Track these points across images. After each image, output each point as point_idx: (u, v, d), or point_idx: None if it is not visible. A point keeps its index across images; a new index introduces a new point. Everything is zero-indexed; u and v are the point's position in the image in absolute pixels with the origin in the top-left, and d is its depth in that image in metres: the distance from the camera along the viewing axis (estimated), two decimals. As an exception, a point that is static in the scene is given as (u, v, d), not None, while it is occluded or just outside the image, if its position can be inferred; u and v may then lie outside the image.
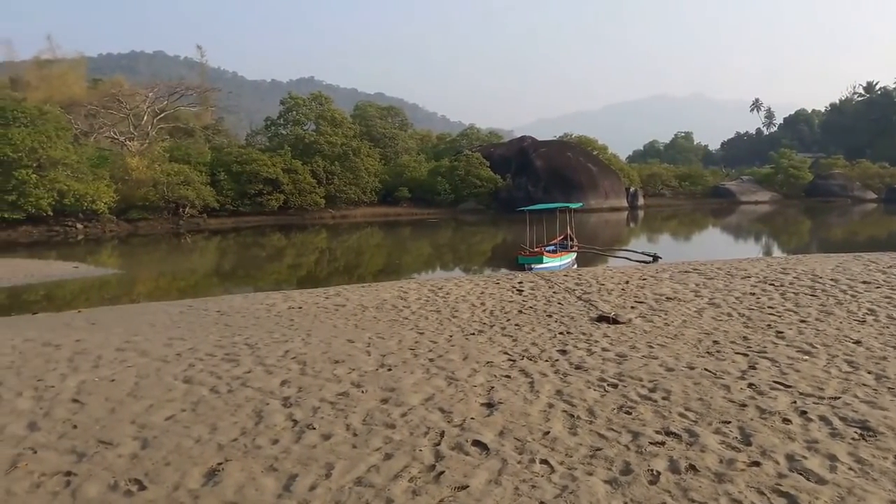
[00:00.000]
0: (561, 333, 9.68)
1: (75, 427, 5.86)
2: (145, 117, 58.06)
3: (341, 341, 9.46)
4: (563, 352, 8.43)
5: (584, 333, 9.59)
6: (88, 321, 12.63)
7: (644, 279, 15.49)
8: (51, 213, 43.16)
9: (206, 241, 41.08)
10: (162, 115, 59.97)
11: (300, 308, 13.41)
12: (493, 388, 6.80)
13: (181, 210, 50.25)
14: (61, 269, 24.88)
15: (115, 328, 11.45)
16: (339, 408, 6.25)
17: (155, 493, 4.52)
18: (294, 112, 66.55)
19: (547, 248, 23.95)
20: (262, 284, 22.33)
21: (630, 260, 23.96)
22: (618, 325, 10.11)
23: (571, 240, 26.63)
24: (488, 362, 7.93)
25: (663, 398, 6.30)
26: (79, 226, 45.02)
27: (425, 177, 67.25)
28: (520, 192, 64.51)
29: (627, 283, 14.96)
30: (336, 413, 6.09)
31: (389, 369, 7.67)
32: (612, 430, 5.50)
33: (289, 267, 28.68)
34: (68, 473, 4.87)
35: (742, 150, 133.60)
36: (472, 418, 5.86)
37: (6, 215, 41.72)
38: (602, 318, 10.65)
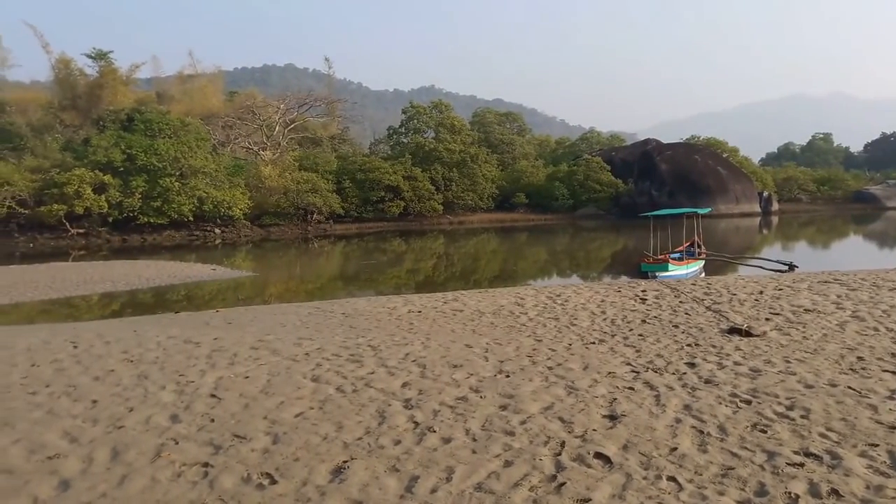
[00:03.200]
0: (689, 345, 9.31)
1: (213, 421, 6.22)
2: (277, 128, 61.07)
3: (459, 346, 9.54)
4: (692, 364, 8.10)
5: (714, 346, 9.17)
6: (225, 320, 13.41)
7: (780, 289, 14.63)
8: (191, 218, 46.29)
9: (332, 246, 42.66)
10: (292, 125, 62.89)
11: (419, 312, 13.64)
12: (615, 399, 6.63)
13: (309, 216, 52.49)
14: (200, 271, 26.57)
15: (249, 327, 12.09)
16: (458, 412, 6.29)
17: (285, 488, 4.72)
18: (415, 120, 68.05)
19: (672, 256, 23.13)
20: (383, 288, 22.91)
21: (763, 269, 22.71)
22: (751, 338, 9.60)
23: (699, 247, 25.59)
24: (610, 373, 7.75)
25: (802, 417, 5.91)
26: (216, 230, 47.97)
27: (543, 182, 66.80)
28: (642, 197, 62.78)
29: (761, 293, 14.18)
30: (455, 417, 6.14)
31: (507, 376, 7.65)
32: (746, 448, 5.22)
33: (408, 271, 29.26)
34: (206, 465, 5.17)
35: (888, 153, 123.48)
36: (594, 430, 5.73)
37: (152, 220, 45.11)
38: (734, 331, 10.14)
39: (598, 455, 5.16)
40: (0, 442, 5.71)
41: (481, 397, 6.77)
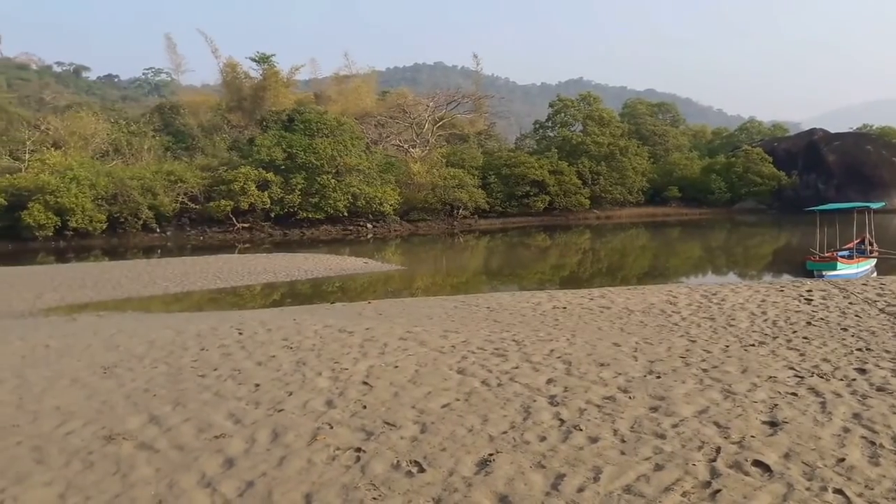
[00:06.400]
0: (859, 350, 8.56)
1: (364, 407, 6.48)
2: (426, 125, 62.50)
3: (606, 344, 9.32)
4: (862, 371, 7.44)
5: (888, 351, 8.38)
6: (376, 312, 13.94)
7: (970, 292, 13.11)
8: (346, 214, 48.46)
9: (477, 241, 43.13)
10: (440, 122, 64.09)
11: (564, 308, 13.48)
12: (776, 405, 6.22)
13: (455, 211, 53.35)
14: (353, 264, 27.77)
15: (399, 319, 12.48)
16: (605, 412, 6.15)
17: (432, 477, 4.82)
18: (562, 114, 67.15)
19: (840, 254, 21.45)
20: (527, 283, 22.85)
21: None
22: (934, 345, 8.67)
23: (870, 244, 23.52)
24: (771, 377, 7.28)
25: None
26: (368, 226, 49.90)
27: (698, 175, 63.83)
28: (807, 191, 58.51)
29: (947, 296, 12.78)
30: (603, 417, 6.01)
31: (658, 377, 7.38)
32: (928, 466, 4.72)
33: (552, 267, 29.01)
34: (358, 450, 5.38)
35: None
36: (753, 436, 5.41)
37: (310, 215, 47.68)
38: (913, 336, 9.21)
39: (757, 463, 4.88)
40: (173, 420, 6.25)
41: (630, 398, 6.58)
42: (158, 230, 45.54)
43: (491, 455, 5.16)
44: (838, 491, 4.38)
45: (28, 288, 20.92)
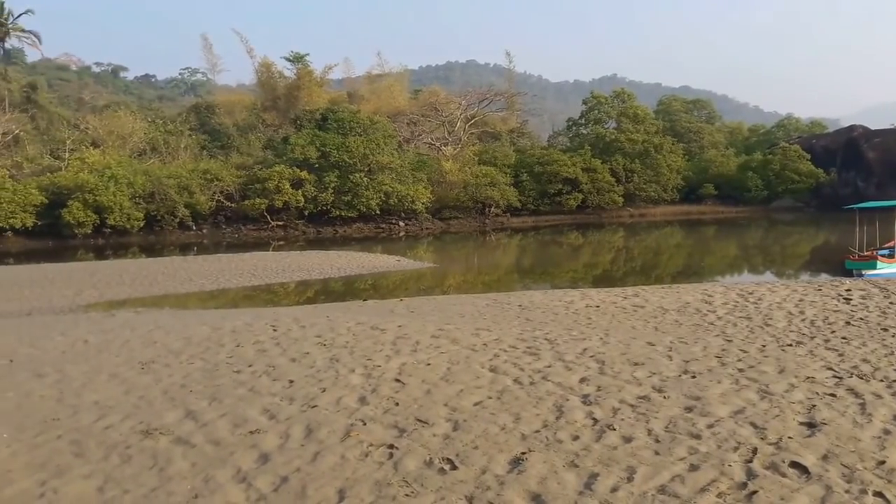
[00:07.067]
0: (902, 351, 8.36)
1: (397, 404, 6.50)
2: (458, 123, 62.52)
3: (640, 343, 9.23)
4: (906, 373, 7.26)
5: (932, 353, 8.17)
6: (408, 309, 13.99)
7: None
8: (378, 212, 48.76)
9: (508, 239, 43.04)
10: (473, 120, 64.07)
11: (597, 307, 13.38)
12: (814, 406, 6.10)
13: (487, 209, 53.30)
14: (386, 262, 27.91)
15: (431, 317, 12.51)
16: (639, 411, 6.09)
17: (465, 474, 4.82)
18: (595, 111, 66.63)
19: (880, 252, 21.00)
20: (559, 282, 22.74)
21: None
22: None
23: None
24: (809, 377, 7.14)
25: None
26: (400, 223, 50.14)
27: (734, 172, 62.87)
28: (846, 189, 57.22)
29: None
30: (637, 416, 5.95)
31: (693, 376, 7.29)
32: (974, 470, 4.59)
33: (585, 265, 28.82)
34: (391, 446, 5.40)
35: None
36: (790, 437, 5.31)
37: (343, 213, 48.07)
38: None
39: (794, 464, 4.79)
40: (209, 416, 6.34)
41: (665, 397, 6.51)
42: (195, 228, 46.32)
43: (523, 453, 5.14)
44: (878, 494, 4.29)
45: (68, 285, 21.43)
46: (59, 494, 4.79)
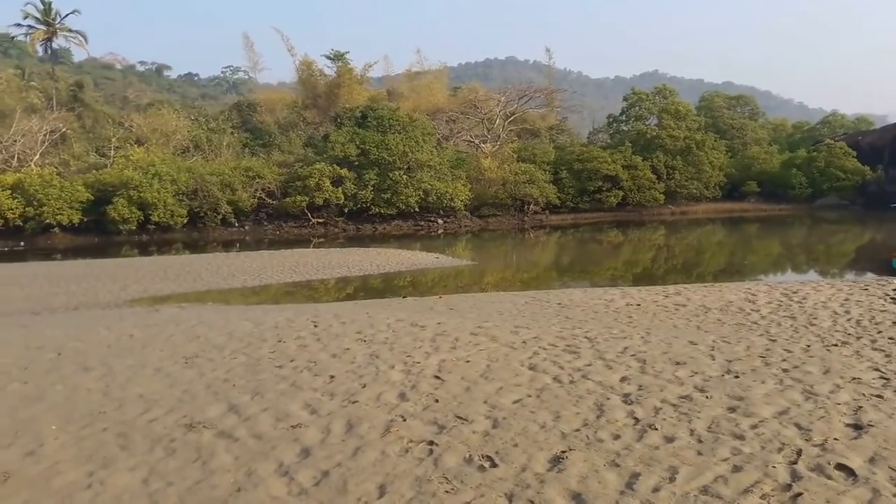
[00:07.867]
0: (955, 353, 8.11)
1: (437, 401, 6.53)
2: (497, 120, 62.32)
3: (682, 342, 9.12)
4: (959, 375, 7.04)
5: None
6: (447, 306, 14.02)
7: None
8: (417, 209, 48.88)
9: (547, 237, 42.80)
10: (512, 117, 63.80)
11: (638, 305, 13.25)
12: (860, 407, 5.97)
13: (526, 207, 53.05)
14: (424, 259, 27.99)
15: (469, 314, 12.52)
16: (681, 411, 6.02)
17: (504, 472, 4.83)
18: (636, 107, 65.77)
19: (931, 251, 20.37)
20: (599, 280, 22.55)
21: None
22: None
23: None
24: (855, 378, 6.98)
25: None
26: (439, 221, 50.18)
27: (777, 169, 61.54)
28: (893, 186, 55.63)
29: None
30: (679, 416, 5.89)
31: (736, 376, 7.18)
32: None
33: (625, 263, 28.52)
34: (431, 443, 5.43)
35: None
36: (836, 439, 5.21)
37: (383, 211, 48.31)
38: None
39: (841, 466, 4.70)
40: (251, 410, 6.45)
41: (707, 397, 6.42)
42: (237, 224, 47.01)
43: (563, 452, 5.12)
44: (931, 500, 4.18)
45: (113, 280, 21.97)
46: (106, 486, 4.92)
